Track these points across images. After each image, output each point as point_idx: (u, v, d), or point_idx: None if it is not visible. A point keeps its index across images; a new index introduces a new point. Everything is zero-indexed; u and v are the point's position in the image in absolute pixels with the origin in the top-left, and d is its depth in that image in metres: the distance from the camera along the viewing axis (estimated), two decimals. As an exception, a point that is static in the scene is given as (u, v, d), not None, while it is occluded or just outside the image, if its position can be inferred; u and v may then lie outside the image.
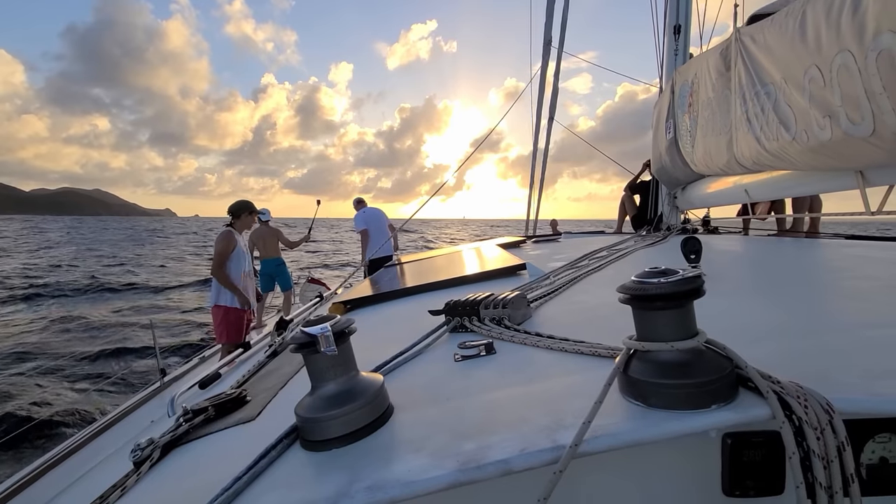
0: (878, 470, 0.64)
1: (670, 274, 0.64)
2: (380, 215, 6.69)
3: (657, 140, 3.86)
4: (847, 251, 2.05)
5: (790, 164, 1.81)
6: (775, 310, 1.13)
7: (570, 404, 0.68)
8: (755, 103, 1.81)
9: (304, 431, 0.71)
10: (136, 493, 0.76)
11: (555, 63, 5.57)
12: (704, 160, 2.72)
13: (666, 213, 4.28)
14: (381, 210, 6.77)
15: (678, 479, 0.66)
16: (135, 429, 1.76)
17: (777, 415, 0.56)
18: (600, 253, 2.35)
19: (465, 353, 0.99)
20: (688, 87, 2.91)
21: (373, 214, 6.67)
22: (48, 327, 8.66)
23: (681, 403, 0.60)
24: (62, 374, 6.25)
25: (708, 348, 0.66)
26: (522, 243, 3.77)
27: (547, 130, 6.04)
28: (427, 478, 0.57)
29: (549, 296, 1.46)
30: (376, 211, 6.74)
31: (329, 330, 0.70)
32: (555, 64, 5.58)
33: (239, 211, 4.25)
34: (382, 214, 6.71)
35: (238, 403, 1.02)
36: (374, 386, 0.75)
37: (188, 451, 0.88)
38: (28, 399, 5.30)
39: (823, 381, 0.65)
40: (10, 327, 8.74)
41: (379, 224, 6.60)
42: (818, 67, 1.32)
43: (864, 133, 1.24)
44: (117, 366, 6.58)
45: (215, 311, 4.16)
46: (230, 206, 4.32)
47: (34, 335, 8.16)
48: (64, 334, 8.24)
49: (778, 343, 0.86)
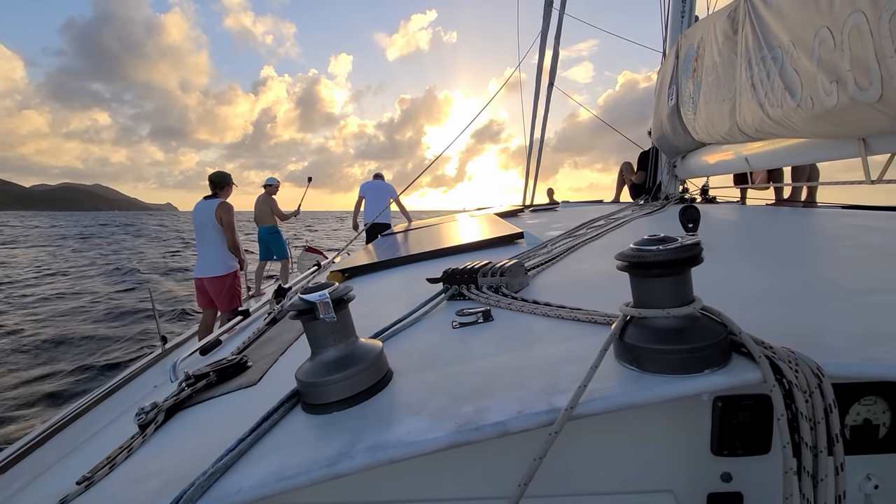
0: (861, 430, 0.67)
1: (669, 241, 0.64)
2: (379, 185, 6.76)
3: (659, 107, 3.78)
4: (845, 220, 2.05)
5: (793, 131, 1.78)
6: (772, 277, 1.14)
7: (566, 369, 0.69)
8: (761, 68, 1.77)
9: (305, 395, 0.73)
10: (143, 454, 0.78)
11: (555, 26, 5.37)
12: (706, 127, 2.68)
13: (665, 182, 4.25)
14: (388, 185, 6.83)
15: (669, 439, 0.68)
16: (137, 394, 1.79)
17: (768, 378, 0.58)
18: (598, 222, 2.34)
19: (463, 321, 1.00)
20: (693, 52, 2.83)
21: (372, 184, 6.76)
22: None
23: (675, 368, 0.61)
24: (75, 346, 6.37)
25: (703, 314, 0.66)
26: (520, 212, 3.76)
27: (546, 96, 5.91)
28: (426, 438, 0.58)
29: (546, 264, 1.47)
30: (378, 182, 6.83)
31: (327, 297, 0.71)
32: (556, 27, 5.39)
33: (223, 182, 4.35)
34: (384, 186, 6.77)
35: (239, 369, 1.04)
36: (374, 351, 0.76)
37: (192, 414, 0.89)
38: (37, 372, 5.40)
39: (815, 346, 0.66)
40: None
41: (375, 193, 6.64)
42: (829, 29, 1.28)
43: (871, 99, 1.21)
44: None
45: (222, 280, 4.21)
46: (214, 176, 4.35)
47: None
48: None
49: (773, 309, 0.88)
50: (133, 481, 0.70)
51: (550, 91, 5.93)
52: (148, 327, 6.91)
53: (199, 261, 4.28)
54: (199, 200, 4.34)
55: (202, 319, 4.33)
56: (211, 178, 4.38)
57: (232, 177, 4.45)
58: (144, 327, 7.03)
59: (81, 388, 4.63)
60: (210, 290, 4.23)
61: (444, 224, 3.48)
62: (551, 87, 5.92)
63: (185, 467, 0.64)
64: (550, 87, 5.92)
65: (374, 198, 6.61)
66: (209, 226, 4.18)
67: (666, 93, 3.48)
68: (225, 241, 4.24)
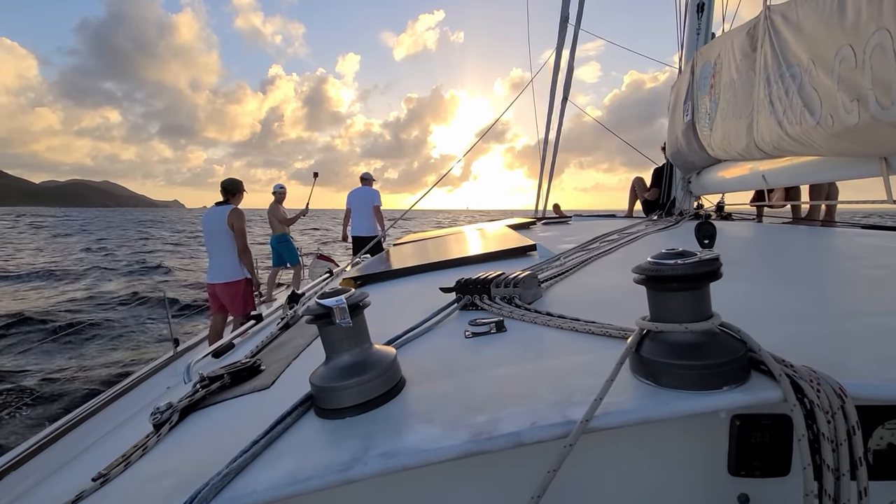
0: (885, 455, 0.65)
1: (687, 255, 0.64)
2: (363, 196, 6.69)
3: (674, 122, 3.77)
4: (862, 240, 2.02)
5: (812, 149, 1.76)
6: (790, 295, 1.12)
7: (581, 382, 0.69)
8: (779, 86, 1.76)
9: (319, 400, 0.73)
10: (157, 454, 0.79)
11: (571, 41, 5.43)
12: (722, 144, 2.66)
13: (679, 197, 4.22)
14: (371, 191, 6.76)
15: (685, 457, 0.67)
16: (151, 394, 1.82)
17: (789, 398, 0.56)
18: (611, 236, 2.33)
19: (476, 330, 1.00)
20: (710, 68, 2.82)
21: (356, 195, 6.72)
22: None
23: (692, 384, 0.61)
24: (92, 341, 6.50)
25: (722, 331, 0.66)
26: (532, 225, 3.76)
27: (560, 110, 5.94)
28: (439, 447, 0.58)
29: (559, 277, 1.46)
30: (362, 191, 6.75)
31: (344, 302, 0.71)
32: (571, 42, 5.44)
33: (235, 189, 4.42)
34: (368, 195, 6.70)
35: (253, 372, 1.05)
36: (388, 358, 0.76)
37: (205, 415, 0.90)
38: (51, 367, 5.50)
39: (837, 367, 0.64)
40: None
41: (359, 204, 6.64)
42: (851, 47, 1.27)
43: (893, 117, 1.20)
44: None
45: (236, 285, 4.25)
46: (226, 183, 4.43)
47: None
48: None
49: (792, 328, 0.86)
50: (147, 479, 0.71)
51: (564, 105, 5.96)
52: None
53: (212, 267, 4.34)
54: (211, 207, 4.41)
55: (212, 324, 4.38)
56: (223, 185, 4.45)
57: (244, 183, 4.51)
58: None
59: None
60: (223, 295, 4.27)
61: (457, 235, 3.49)
62: (565, 101, 5.96)
63: (199, 467, 0.64)
64: (564, 101, 5.96)
65: (358, 209, 6.63)
66: (221, 232, 4.24)
67: (681, 108, 3.47)
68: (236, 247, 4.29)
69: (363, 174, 6.94)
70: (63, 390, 4.75)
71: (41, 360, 5.77)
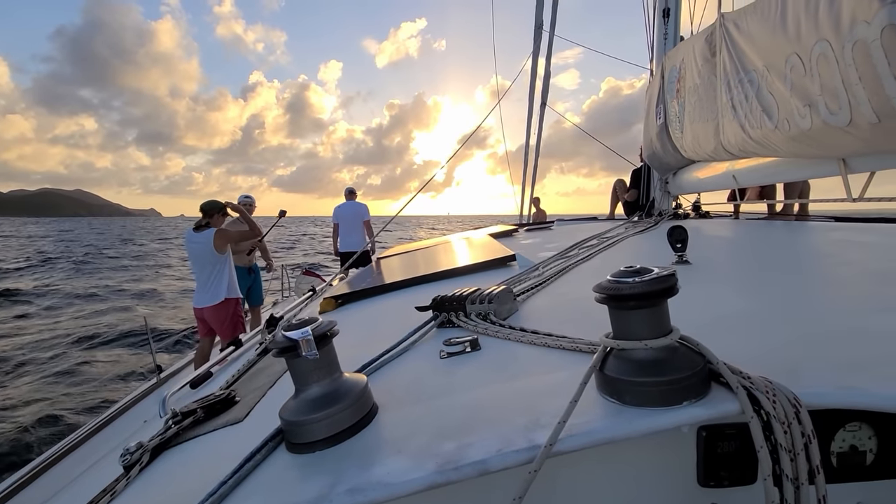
0: (848, 457, 0.66)
1: (644, 273, 0.65)
2: (352, 210, 6.66)
3: (648, 125, 3.85)
4: (832, 235, 2.08)
5: (774, 151, 1.82)
6: (754, 299, 1.14)
7: (549, 402, 0.69)
8: (739, 90, 1.82)
9: (289, 434, 0.72)
10: (125, 498, 0.77)
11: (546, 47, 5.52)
12: (693, 146, 2.73)
13: (658, 198, 4.30)
14: (360, 205, 6.72)
15: (655, 471, 0.68)
16: (128, 429, 1.77)
17: (746, 410, 0.58)
18: (590, 242, 2.36)
19: (451, 350, 1.00)
20: (675, 73, 2.90)
21: (344, 210, 6.68)
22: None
23: (654, 401, 0.62)
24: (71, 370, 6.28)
25: (682, 345, 0.67)
26: (515, 232, 3.78)
27: (540, 116, 6.01)
28: (406, 480, 0.58)
29: (535, 288, 1.48)
30: (350, 206, 6.71)
31: (310, 334, 0.71)
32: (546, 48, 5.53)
33: (214, 210, 4.32)
34: (357, 210, 6.67)
35: (227, 404, 1.04)
36: (358, 387, 0.76)
37: (177, 453, 0.89)
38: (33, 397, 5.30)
39: (793, 374, 0.66)
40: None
41: (347, 219, 6.60)
42: (798, 56, 1.33)
43: (841, 122, 1.25)
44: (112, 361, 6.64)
45: (224, 307, 4.12)
46: (205, 205, 4.32)
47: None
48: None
49: (753, 334, 0.88)
50: None
51: (543, 111, 6.04)
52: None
53: (198, 290, 4.23)
54: (189, 230, 4.26)
55: (199, 348, 4.29)
56: (202, 208, 4.34)
57: (224, 206, 4.42)
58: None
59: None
60: (211, 319, 4.18)
61: (440, 246, 3.50)
62: (544, 106, 6.03)
63: None
64: (543, 106, 6.03)
65: (346, 224, 6.58)
66: (207, 255, 4.16)
67: (654, 112, 3.55)
68: (225, 269, 4.21)
69: (347, 188, 6.90)
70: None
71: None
